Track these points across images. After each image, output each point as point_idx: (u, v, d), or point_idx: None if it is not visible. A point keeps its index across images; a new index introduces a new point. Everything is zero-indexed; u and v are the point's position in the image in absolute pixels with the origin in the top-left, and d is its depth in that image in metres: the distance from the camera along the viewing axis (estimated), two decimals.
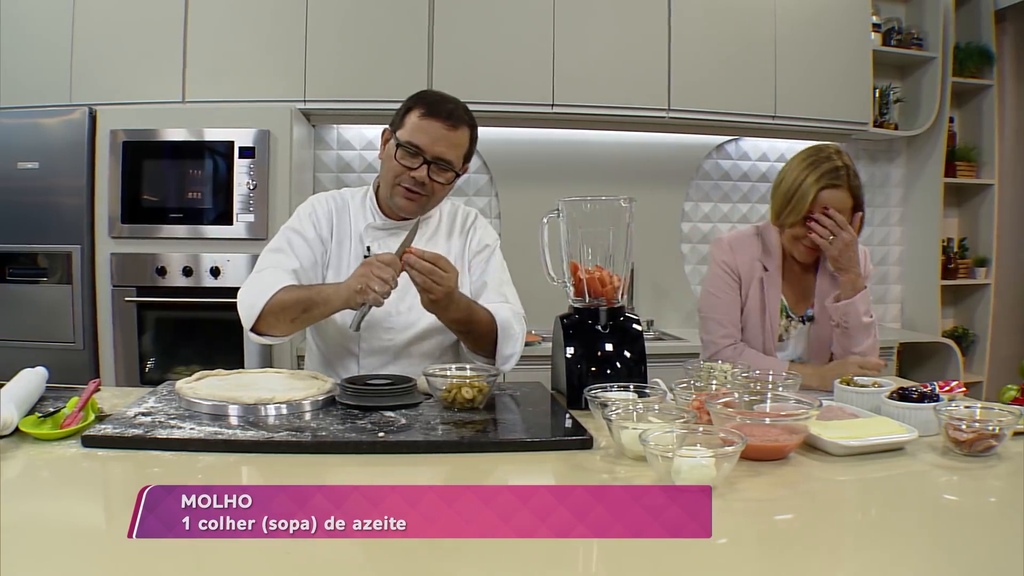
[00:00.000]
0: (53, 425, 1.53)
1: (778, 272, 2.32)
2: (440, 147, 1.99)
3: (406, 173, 2.00)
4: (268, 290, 1.93)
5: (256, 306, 1.93)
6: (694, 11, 3.94)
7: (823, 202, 2.16)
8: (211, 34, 3.64)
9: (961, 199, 4.76)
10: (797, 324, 2.34)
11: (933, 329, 4.48)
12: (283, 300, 1.91)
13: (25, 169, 3.36)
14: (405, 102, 2.06)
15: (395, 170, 2.02)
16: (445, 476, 1.40)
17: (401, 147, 1.99)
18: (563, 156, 4.20)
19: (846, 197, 2.18)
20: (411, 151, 1.99)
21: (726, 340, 2.31)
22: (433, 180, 2.02)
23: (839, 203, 2.17)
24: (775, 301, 2.31)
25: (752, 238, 2.37)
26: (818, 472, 1.42)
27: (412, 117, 2.00)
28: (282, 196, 3.42)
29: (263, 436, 1.50)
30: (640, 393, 1.70)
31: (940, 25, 4.37)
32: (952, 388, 1.82)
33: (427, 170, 2.00)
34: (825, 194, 2.16)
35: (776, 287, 2.31)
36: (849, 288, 2.18)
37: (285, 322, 1.95)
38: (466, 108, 2.07)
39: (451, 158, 2.02)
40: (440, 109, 1.99)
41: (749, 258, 2.32)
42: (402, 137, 2.00)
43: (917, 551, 1.13)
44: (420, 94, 2.07)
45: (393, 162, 2.02)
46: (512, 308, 2.12)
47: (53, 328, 3.39)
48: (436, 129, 1.98)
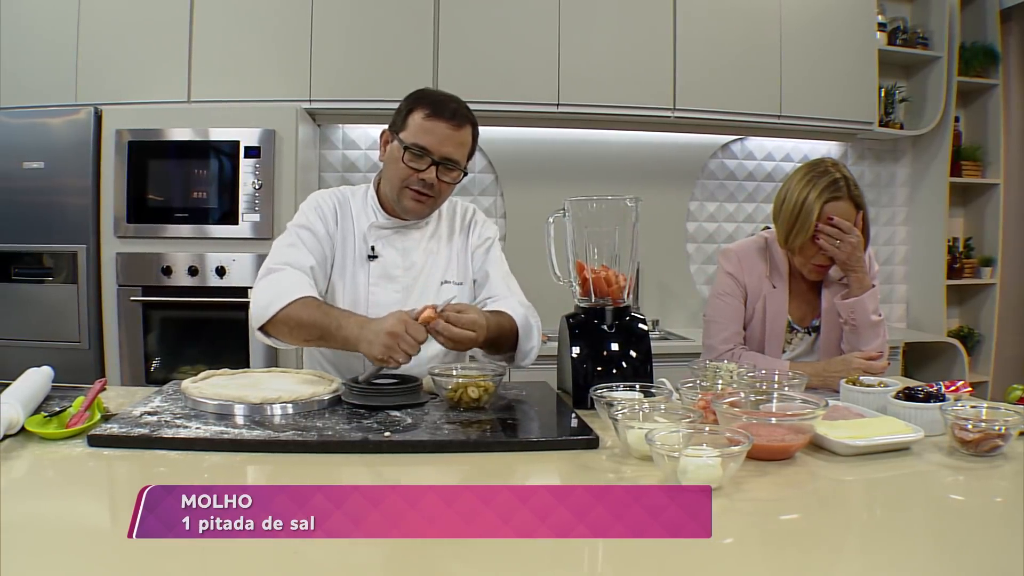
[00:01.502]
0: (59, 424, 1.54)
1: (785, 290, 2.33)
2: (447, 147, 1.97)
3: (414, 175, 1.98)
4: (286, 296, 1.89)
5: (271, 308, 1.89)
6: (699, 11, 3.94)
7: (828, 216, 2.18)
8: (216, 34, 3.65)
9: (966, 199, 4.74)
10: (803, 336, 2.35)
11: (938, 329, 4.47)
12: (300, 317, 1.87)
13: (30, 169, 3.37)
14: (404, 102, 2.03)
15: (402, 173, 1.99)
16: (451, 476, 1.40)
17: (408, 149, 1.97)
18: (568, 156, 4.20)
19: (849, 208, 2.19)
20: (418, 153, 1.96)
21: (726, 345, 2.33)
22: (441, 180, 2.00)
23: (843, 214, 2.18)
24: (781, 319, 2.31)
25: (760, 252, 2.38)
26: (824, 472, 1.42)
27: (416, 118, 1.97)
28: (287, 196, 3.42)
29: (269, 436, 1.50)
30: (646, 393, 1.69)
31: (945, 24, 4.36)
32: (958, 388, 1.81)
33: (435, 171, 1.98)
34: (828, 207, 2.17)
35: (783, 305, 2.32)
36: (857, 287, 2.19)
37: (297, 339, 1.92)
38: (466, 106, 2.04)
39: (458, 157, 2.00)
40: (444, 109, 1.97)
41: (757, 275, 2.34)
42: (407, 139, 1.97)
43: (922, 551, 1.13)
44: (420, 94, 2.04)
45: (399, 165, 1.98)
46: (520, 300, 2.12)
47: (59, 328, 3.40)
48: (442, 129, 1.96)
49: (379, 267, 2.08)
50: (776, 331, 2.32)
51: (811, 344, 2.34)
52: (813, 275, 2.29)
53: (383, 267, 2.08)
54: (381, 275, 2.08)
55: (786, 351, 2.34)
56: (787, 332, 2.34)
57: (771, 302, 2.32)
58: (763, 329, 2.33)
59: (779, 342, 2.32)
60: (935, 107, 4.38)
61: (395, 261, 2.09)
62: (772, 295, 2.32)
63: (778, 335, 2.32)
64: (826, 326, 2.31)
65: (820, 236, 2.16)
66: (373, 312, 2.02)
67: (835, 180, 2.19)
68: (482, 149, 4.17)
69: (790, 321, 2.34)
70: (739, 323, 2.34)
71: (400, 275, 2.09)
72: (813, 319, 2.34)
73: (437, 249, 2.15)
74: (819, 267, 2.25)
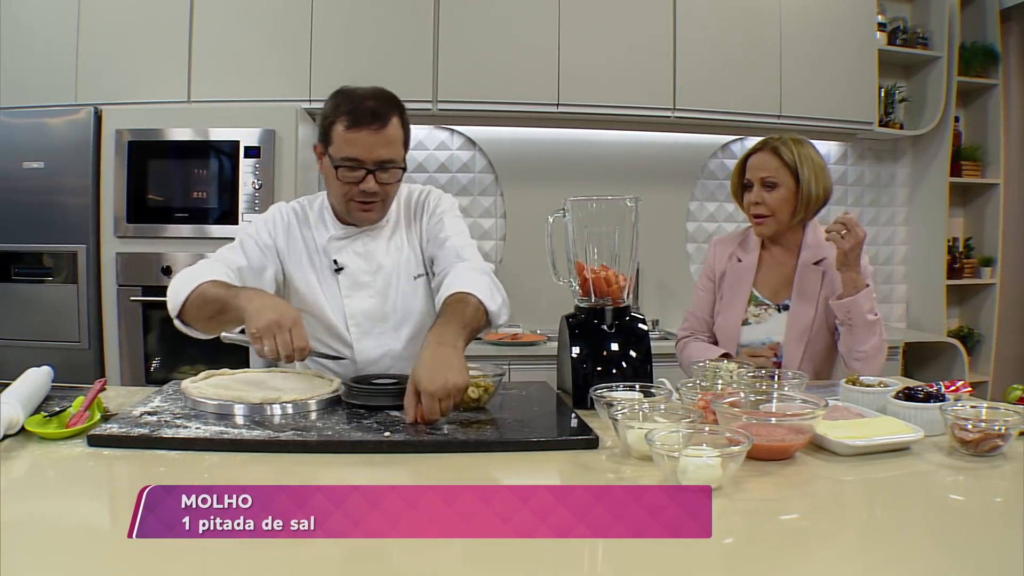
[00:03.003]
0: (59, 424, 1.54)
1: (752, 264, 2.43)
2: (377, 152, 1.89)
3: (354, 187, 1.91)
4: (196, 279, 1.84)
5: (181, 293, 1.84)
6: (699, 11, 3.94)
7: (748, 168, 2.36)
8: (216, 34, 3.65)
9: (966, 199, 4.74)
10: (772, 311, 2.38)
11: (938, 329, 4.47)
12: (205, 292, 1.82)
13: (31, 169, 3.37)
14: (323, 111, 1.95)
15: (341, 188, 1.93)
16: (451, 476, 1.40)
17: (340, 166, 1.90)
18: (568, 156, 4.19)
19: (768, 157, 2.33)
20: (351, 166, 1.89)
21: (683, 333, 2.53)
22: (382, 184, 1.93)
23: (759, 163, 2.33)
24: (742, 290, 2.42)
25: (737, 235, 2.54)
26: (824, 472, 1.42)
27: (338, 131, 1.88)
28: (287, 196, 3.40)
29: (269, 435, 1.50)
30: (646, 393, 1.69)
31: (945, 24, 4.35)
32: (958, 388, 1.81)
33: (373, 179, 1.91)
34: (749, 160, 2.37)
35: (744, 276, 2.43)
36: (851, 286, 2.20)
37: (203, 319, 1.85)
38: (386, 92, 1.95)
39: (391, 156, 1.91)
40: (363, 115, 1.87)
41: (726, 256, 2.48)
42: (336, 155, 1.90)
43: (922, 551, 1.12)
44: (337, 101, 1.92)
45: (336, 181, 1.92)
46: (472, 266, 1.98)
47: (58, 327, 3.40)
48: (366, 138, 1.87)
49: (347, 278, 2.04)
50: (735, 302, 2.41)
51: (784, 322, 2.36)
52: (756, 228, 2.40)
53: (351, 277, 2.04)
54: (351, 285, 2.04)
55: (750, 322, 2.39)
56: (753, 305, 2.40)
57: (731, 273, 2.45)
58: (724, 301, 2.44)
59: (739, 313, 2.40)
60: (935, 107, 4.38)
61: (361, 267, 2.04)
62: (733, 268, 2.45)
63: (738, 306, 2.40)
64: (796, 305, 2.35)
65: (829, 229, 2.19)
66: (354, 324, 2.02)
67: (762, 140, 2.38)
68: (482, 149, 4.17)
69: (756, 294, 2.40)
70: (702, 313, 2.50)
71: (370, 280, 2.05)
72: (786, 298, 2.38)
73: (400, 245, 2.09)
74: (756, 217, 2.36)
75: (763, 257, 2.44)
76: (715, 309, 2.47)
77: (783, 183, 2.30)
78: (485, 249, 4.17)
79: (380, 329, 2.06)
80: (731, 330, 2.39)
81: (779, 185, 2.30)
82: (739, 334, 2.38)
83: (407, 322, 2.08)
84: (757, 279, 2.42)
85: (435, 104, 3.75)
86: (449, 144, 4.17)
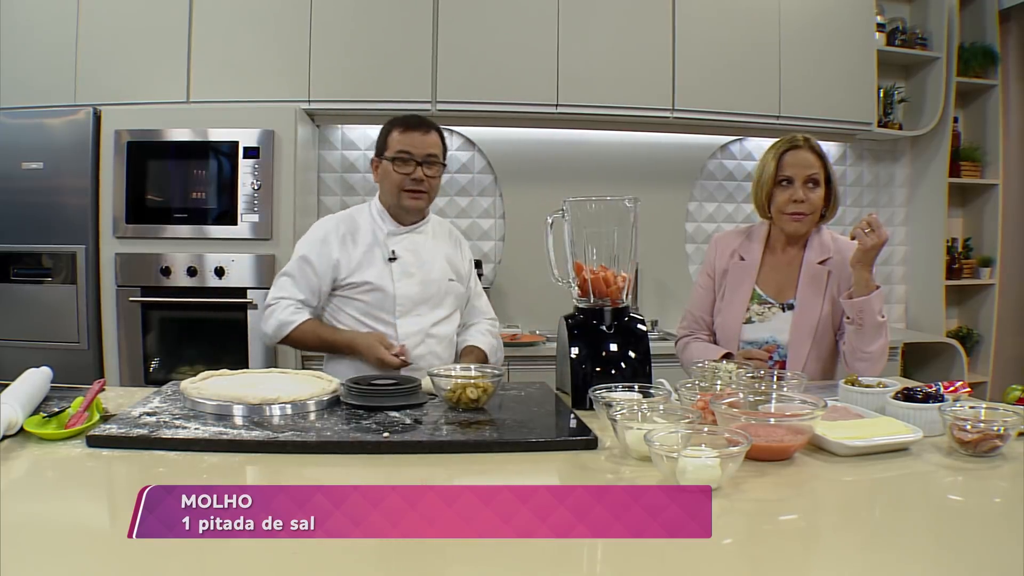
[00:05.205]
0: (58, 425, 1.54)
1: (755, 262, 2.41)
2: (425, 148, 2.39)
3: (406, 178, 2.38)
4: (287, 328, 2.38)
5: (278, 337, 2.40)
6: (698, 11, 3.94)
7: (787, 164, 2.31)
8: (216, 34, 3.65)
9: (965, 199, 4.75)
10: (775, 310, 2.37)
11: (937, 329, 4.47)
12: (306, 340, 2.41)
13: (29, 169, 3.36)
14: (381, 132, 2.45)
15: (396, 179, 2.39)
16: (450, 476, 1.40)
17: (394, 160, 2.38)
18: (567, 156, 4.19)
19: (808, 155, 2.31)
20: (404, 158, 2.38)
21: (683, 332, 2.52)
22: (428, 176, 2.40)
23: (802, 161, 2.30)
24: (744, 288, 2.40)
25: (739, 233, 2.52)
26: (823, 472, 1.42)
27: (394, 136, 2.40)
28: (286, 196, 3.42)
29: (268, 436, 1.50)
30: (645, 393, 1.69)
31: (944, 25, 4.36)
32: (956, 388, 1.82)
33: (421, 170, 2.38)
34: (787, 156, 2.32)
35: (747, 274, 2.41)
36: (863, 286, 2.19)
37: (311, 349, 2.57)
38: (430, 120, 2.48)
39: (436, 153, 2.42)
40: (411, 122, 2.42)
41: (729, 253, 2.46)
42: (391, 153, 2.39)
43: (921, 551, 1.13)
44: (392, 120, 2.45)
45: (392, 174, 2.39)
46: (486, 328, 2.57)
47: (58, 328, 3.39)
48: (416, 137, 2.39)
49: (399, 266, 2.42)
50: (737, 300, 2.39)
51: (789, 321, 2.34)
52: (791, 226, 2.35)
53: (402, 266, 2.42)
54: (402, 273, 2.42)
55: (753, 320, 2.37)
56: (756, 303, 2.38)
57: (733, 271, 2.43)
58: (725, 299, 2.42)
59: (740, 311, 2.38)
60: (934, 107, 4.39)
61: (410, 260, 2.44)
62: (736, 266, 2.43)
63: (739, 304, 2.39)
64: (801, 305, 2.34)
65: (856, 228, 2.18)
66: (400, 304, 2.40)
67: (792, 136, 2.35)
68: (481, 150, 4.17)
69: (760, 293, 2.39)
70: (702, 312, 2.48)
71: (416, 272, 2.43)
72: (790, 298, 2.37)
73: (436, 248, 2.50)
74: (795, 215, 2.32)
75: (766, 256, 2.43)
76: (715, 307, 2.46)
77: (822, 181, 2.32)
78: (484, 250, 4.18)
79: (418, 311, 2.42)
80: (732, 328, 2.38)
81: (820, 183, 2.31)
82: (741, 332, 2.37)
83: (439, 308, 2.46)
84: (760, 277, 2.41)
85: (434, 104, 3.75)
86: (448, 144, 4.16)
